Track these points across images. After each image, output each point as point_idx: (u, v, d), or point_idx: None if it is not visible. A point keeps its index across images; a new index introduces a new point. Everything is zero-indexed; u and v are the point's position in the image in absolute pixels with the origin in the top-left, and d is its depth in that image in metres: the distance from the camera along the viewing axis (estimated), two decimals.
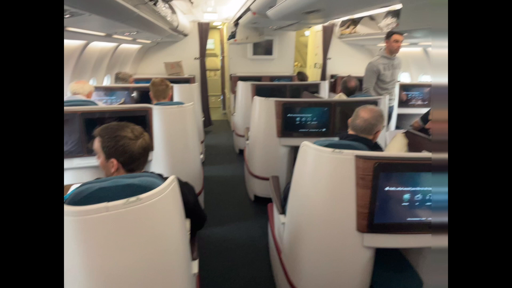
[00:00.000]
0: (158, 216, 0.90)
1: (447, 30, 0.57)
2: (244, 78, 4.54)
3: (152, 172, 1.19)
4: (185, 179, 1.44)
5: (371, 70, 3.09)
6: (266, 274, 2.00)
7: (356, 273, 1.33)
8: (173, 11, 3.69)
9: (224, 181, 3.47)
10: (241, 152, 4.18)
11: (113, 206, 0.79)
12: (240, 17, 4.03)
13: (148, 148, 1.20)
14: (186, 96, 3.61)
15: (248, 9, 3.22)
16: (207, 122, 5.61)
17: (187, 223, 1.25)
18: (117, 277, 0.84)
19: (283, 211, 1.69)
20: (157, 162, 2.12)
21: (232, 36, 4.58)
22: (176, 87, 3.59)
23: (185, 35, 5.16)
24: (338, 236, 1.28)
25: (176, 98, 3.57)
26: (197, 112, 3.86)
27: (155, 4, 2.41)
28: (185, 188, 1.27)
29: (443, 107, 0.60)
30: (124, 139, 1.13)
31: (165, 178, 0.98)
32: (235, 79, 4.78)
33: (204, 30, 5.19)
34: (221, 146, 4.76)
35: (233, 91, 4.85)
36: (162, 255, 0.92)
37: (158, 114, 2.05)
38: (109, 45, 3.49)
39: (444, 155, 0.59)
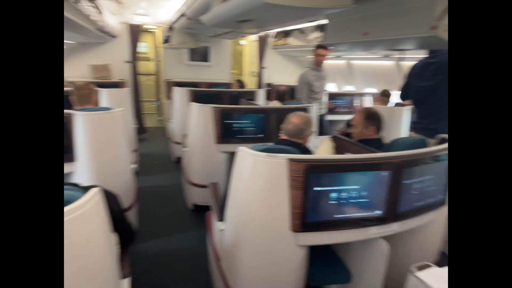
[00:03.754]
0: (79, 233, 0.80)
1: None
2: (180, 84, 4.42)
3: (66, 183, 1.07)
4: (116, 191, 1.33)
5: (303, 81, 3.33)
6: (206, 285, 1.94)
7: (291, 272, 1.38)
8: (99, 11, 3.43)
9: (161, 192, 3.30)
10: (179, 160, 4.04)
11: None
12: (175, 22, 3.94)
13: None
14: (115, 101, 3.35)
15: (183, 14, 3.16)
16: (141, 129, 5.30)
17: (114, 237, 1.15)
18: None
19: (221, 217, 1.68)
20: (81, 174, 1.91)
21: (167, 40, 4.44)
22: (103, 92, 3.31)
23: (114, 36, 4.81)
24: (274, 237, 1.32)
25: (104, 104, 3.29)
26: (129, 119, 3.61)
27: (76, 1, 2.20)
28: (106, 196, 1.17)
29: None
30: None
31: (84, 188, 0.88)
32: (170, 85, 4.62)
33: (135, 32, 4.93)
34: (156, 154, 4.53)
35: (169, 97, 4.68)
36: (83, 275, 0.83)
37: (82, 121, 1.85)
38: None
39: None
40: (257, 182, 1.32)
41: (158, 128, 6.16)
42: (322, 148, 1.94)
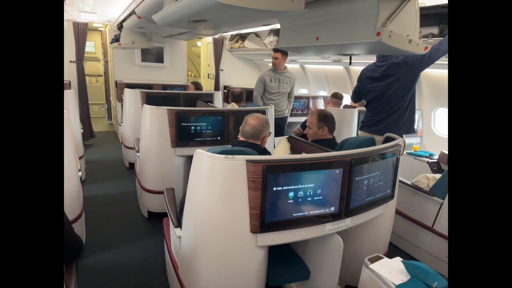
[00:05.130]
0: None
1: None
2: (132, 86, 4.20)
3: None
4: None
5: (259, 79, 3.46)
6: None
7: (252, 273, 1.37)
8: None
9: (112, 200, 3.08)
10: (132, 165, 3.82)
11: None
12: (124, 20, 3.73)
13: None
14: None
15: (133, 12, 3.01)
16: (88, 134, 4.93)
17: None
18: None
19: (179, 224, 1.62)
20: None
21: (116, 39, 4.19)
22: None
23: None
24: (233, 240, 1.31)
25: None
26: (74, 123, 3.34)
27: None
28: None
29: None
30: None
31: None
32: (121, 86, 4.37)
33: (81, 31, 4.58)
34: (107, 160, 4.24)
35: (120, 99, 4.42)
36: None
37: None
38: None
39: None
40: (216, 184, 1.29)
41: (108, 132, 5.79)
42: (278, 149, 1.97)
